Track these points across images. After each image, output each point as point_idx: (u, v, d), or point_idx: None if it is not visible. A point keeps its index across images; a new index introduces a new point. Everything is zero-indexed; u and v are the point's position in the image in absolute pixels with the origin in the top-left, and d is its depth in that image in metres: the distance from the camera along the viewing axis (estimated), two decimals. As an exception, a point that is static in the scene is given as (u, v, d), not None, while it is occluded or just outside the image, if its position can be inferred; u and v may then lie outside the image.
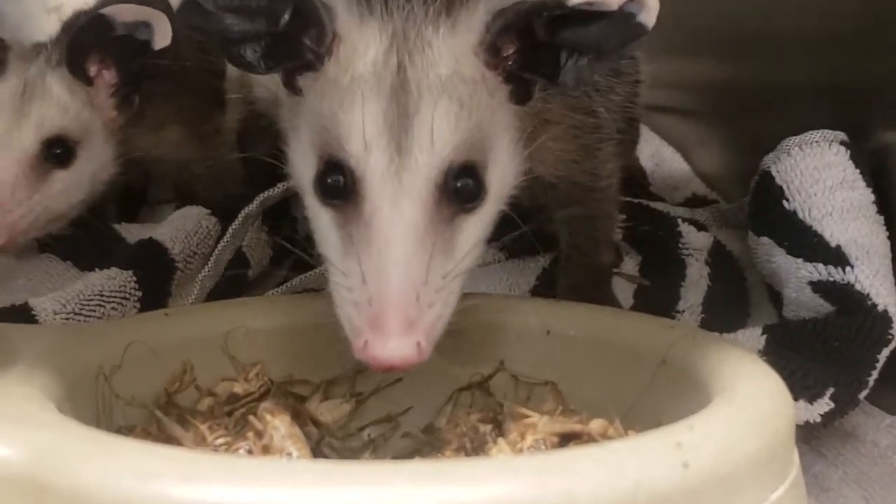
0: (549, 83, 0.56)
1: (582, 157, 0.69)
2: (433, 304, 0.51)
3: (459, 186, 0.53)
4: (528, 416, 0.53)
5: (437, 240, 0.52)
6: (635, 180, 1.20)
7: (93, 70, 0.84)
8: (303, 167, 0.57)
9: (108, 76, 0.85)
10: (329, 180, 0.54)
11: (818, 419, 0.67)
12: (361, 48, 0.55)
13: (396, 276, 0.51)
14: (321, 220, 0.55)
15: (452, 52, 0.55)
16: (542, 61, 0.55)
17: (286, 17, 0.53)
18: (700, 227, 0.95)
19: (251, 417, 0.55)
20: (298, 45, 0.55)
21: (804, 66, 0.92)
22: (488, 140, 0.55)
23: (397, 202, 0.52)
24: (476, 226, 0.55)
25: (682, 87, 1.26)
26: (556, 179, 0.69)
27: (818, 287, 0.73)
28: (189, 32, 0.63)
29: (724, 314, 0.85)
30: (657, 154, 1.29)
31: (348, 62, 0.55)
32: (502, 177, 0.57)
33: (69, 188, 0.84)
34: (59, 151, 0.83)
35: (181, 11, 0.53)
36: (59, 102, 0.83)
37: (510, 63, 0.56)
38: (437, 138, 0.53)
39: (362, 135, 0.53)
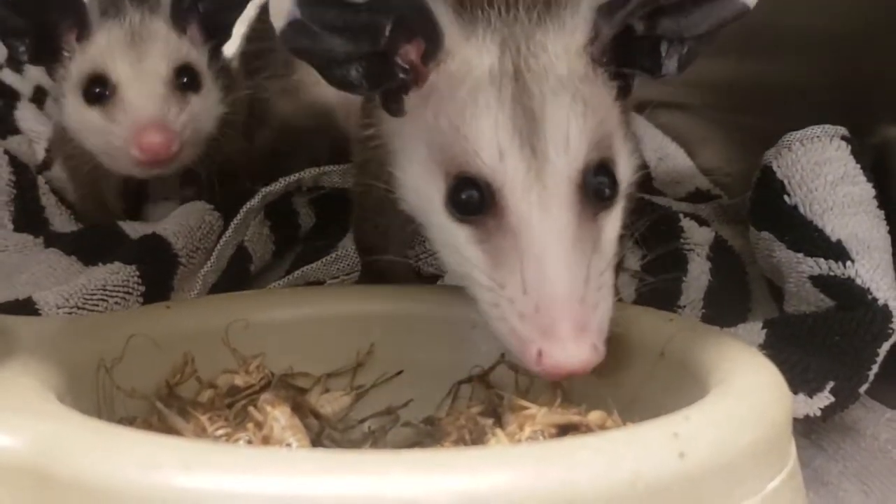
0: (652, 75, 0.56)
1: None
2: (598, 303, 0.51)
3: (597, 184, 0.54)
4: (526, 408, 0.53)
5: (585, 240, 0.52)
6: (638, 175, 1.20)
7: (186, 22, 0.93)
8: (425, 188, 0.56)
9: (196, 30, 0.94)
10: (463, 196, 0.54)
11: (818, 413, 0.67)
12: (474, 59, 0.55)
13: (561, 281, 0.50)
14: (458, 238, 0.54)
15: (566, 54, 0.55)
16: (641, 54, 0.55)
17: (387, 31, 0.53)
18: (702, 222, 0.95)
19: (251, 409, 0.55)
20: (397, 64, 0.56)
21: (806, 63, 0.92)
22: (611, 136, 0.56)
23: (545, 207, 0.52)
24: (615, 221, 0.55)
25: (686, 83, 1.25)
26: None
27: (819, 282, 0.73)
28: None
29: (725, 309, 0.85)
30: (660, 149, 1.29)
31: (463, 74, 0.55)
32: (626, 171, 0.57)
33: (205, 111, 0.92)
34: (187, 80, 0.91)
35: (286, 33, 0.52)
36: (170, 40, 0.91)
37: (611, 59, 0.56)
38: (572, 138, 0.53)
39: (495, 144, 0.52)
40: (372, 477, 0.38)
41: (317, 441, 0.59)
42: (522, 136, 0.52)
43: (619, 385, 0.58)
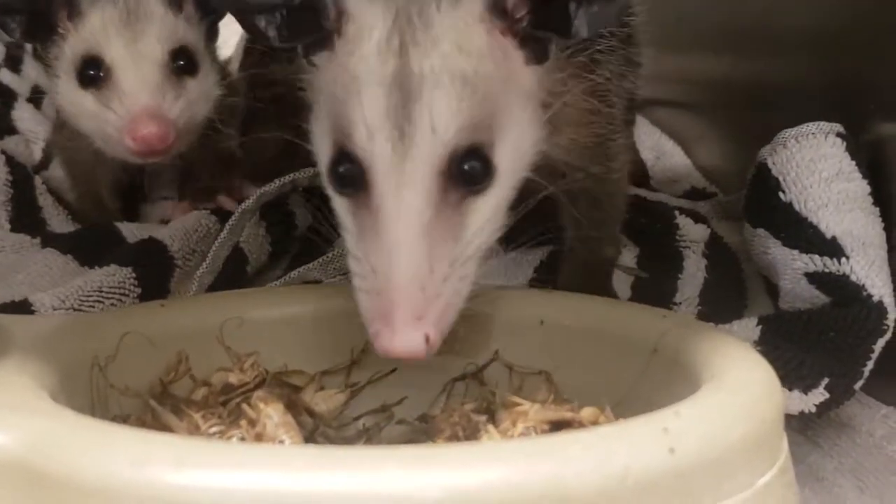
0: (563, 37, 0.55)
1: (595, 145, 0.69)
2: (440, 293, 0.51)
3: (466, 169, 0.53)
4: (519, 405, 0.53)
5: (443, 227, 0.52)
6: (636, 173, 1.20)
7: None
8: (321, 152, 0.57)
9: (191, 7, 0.91)
10: (341, 169, 0.55)
11: (813, 409, 0.67)
12: (367, 28, 0.55)
13: (400, 268, 0.51)
14: (339, 207, 0.56)
15: (455, 26, 0.54)
16: (552, 17, 0.54)
17: None
18: (698, 218, 0.95)
19: (244, 406, 0.55)
20: (314, 20, 0.55)
21: (803, 61, 0.92)
22: (497, 116, 0.54)
23: (399, 192, 0.52)
24: (486, 206, 0.54)
25: (683, 81, 1.26)
26: (567, 166, 0.68)
27: (814, 278, 0.73)
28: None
29: (720, 306, 0.85)
30: (657, 147, 1.29)
31: (355, 43, 0.55)
32: (515, 152, 0.56)
33: (202, 95, 0.90)
34: (183, 63, 0.88)
35: None
36: (167, 21, 0.88)
37: (523, 24, 0.55)
38: (439, 123, 0.52)
39: (367, 123, 0.52)
40: (364, 473, 0.38)
41: (311, 438, 0.60)
42: (395, 117, 0.52)
43: (613, 381, 0.58)
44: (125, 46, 0.85)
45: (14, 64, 1.45)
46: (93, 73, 0.85)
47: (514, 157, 0.56)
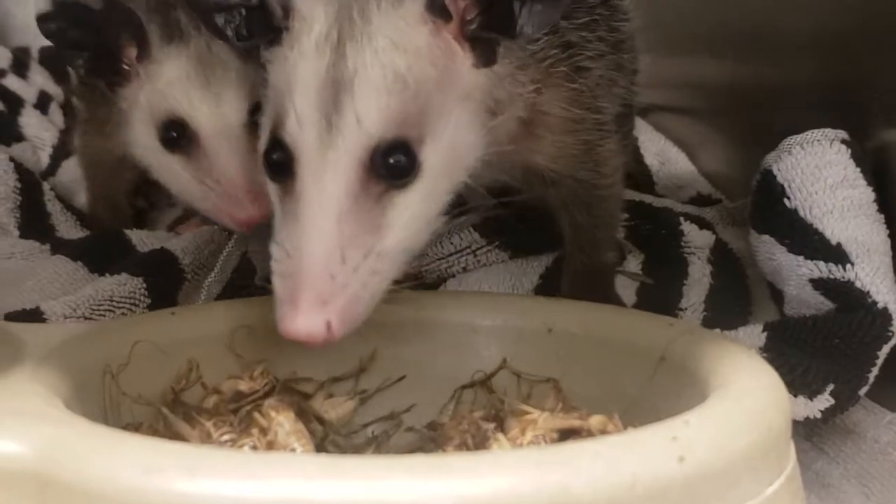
0: (509, 37, 0.56)
1: (582, 152, 0.69)
2: (348, 283, 0.52)
3: (391, 163, 0.54)
4: (528, 413, 0.53)
5: (362, 217, 0.53)
6: (639, 177, 1.21)
7: None
8: (261, 142, 0.58)
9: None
10: (274, 156, 0.56)
11: (818, 415, 0.67)
12: (309, 23, 0.56)
13: (311, 252, 0.52)
14: (271, 194, 0.57)
15: (394, 24, 0.55)
16: (497, 17, 0.55)
17: None
18: (703, 224, 0.95)
19: (256, 414, 0.55)
20: (269, 18, 0.57)
21: (807, 66, 0.92)
22: (430, 115, 0.55)
23: (320, 179, 0.53)
24: (409, 203, 0.55)
25: (687, 87, 1.26)
26: (554, 174, 0.69)
27: (819, 284, 0.73)
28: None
29: (726, 312, 0.85)
30: (662, 153, 1.29)
31: (297, 38, 0.56)
32: (447, 153, 0.56)
33: None
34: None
35: None
36: (241, 71, 0.82)
37: (472, 25, 0.56)
38: (364, 115, 0.53)
39: (298, 114, 0.54)
40: (374, 481, 0.38)
41: (321, 446, 0.60)
42: (325, 108, 0.53)
43: (621, 389, 0.58)
44: (210, 111, 0.81)
45: (20, 70, 1.45)
46: (177, 135, 0.81)
47: (445, 158, 0.56)
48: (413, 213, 0.55)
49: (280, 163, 0.55)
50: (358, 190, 0.53)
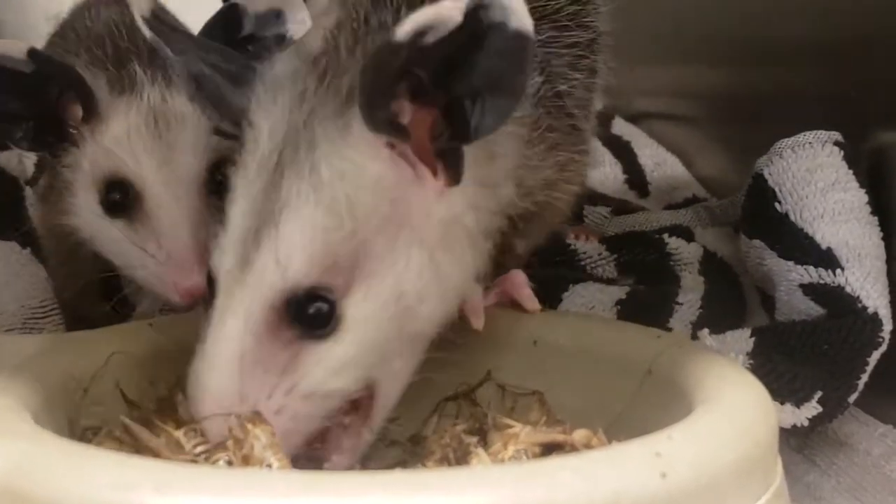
0: (464, 141, 0.49)
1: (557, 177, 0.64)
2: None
3: (307, 312, 0.49)
4: (511, 427, 0.52)
5: (270, 359, 0.50)
6: (632, 176, 1.20)
7: None
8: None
9: None
10: (210, 274, 0.53)
11: (805, 423, 0.66)
12: (256, 142, 0.52)
13: (209, 389, 0.50)
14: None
15: (341, 151, 0.50)
16: (452, 123, 0.48)
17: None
18: (689, 237, 0.94)
19: (231, 427, 0.54)
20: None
21: (801, 72, 0.92)
22: (366, 258, 0.50)
23: (224, 316, 0.50)
24: (334, 352, 0.50)
25: (682, 95, 1.26)
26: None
27: (809, 290, 0.73)
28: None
29: (720, 315, 0.84)
30: (656, 156, 1.29)
31: (245, 154, 0.53)
32: (381, 303, 0.50)
33: None
34: (221, 178, 0.71)
35: None
36: (200, 126, 0.73)
37: (438, 138, 0.50)
38: (284, 256, 0.49)
39: (220, 239, 0.51)
40: (350, 499, 0.37)
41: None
42: (246, 238, 0.50)
43: (606, 402, 0.57)
44: (159, 167, 0.71)
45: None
46: (119, 198, 0.72)
47: (381, 309, 0.50)
48: (336, 363, 0.50)
49: (209, 279, 0.53)
50: (265, 332, 0.49)
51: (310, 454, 0.53)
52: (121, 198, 0.72)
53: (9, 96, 0.67)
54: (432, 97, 0.48)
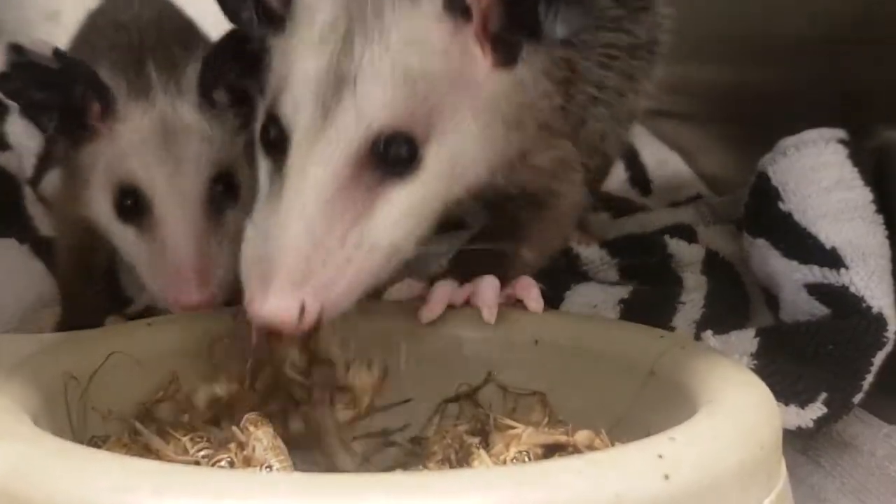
0: (534, 40, 0.55)
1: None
2: (325, 267, 0.51)
3: (391, 153, 0.53)
4: (512, 428, 0.52)
5: (348, 205, 0.52)
6: (634, 173, 1.20)
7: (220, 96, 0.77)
8: (258, 118, 0.59)
9: (226, 109, 0.77)
10: (270, 132, 0.56)
11: (810, 424, 0.66)
12: (312, 13, 0.56)
13: (289, 235, 0.51)
14: (261, 170, 0.57)
15: (410, 22, 0.54)
16: (522, 18, 0.54)
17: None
18: (689, 235, 0.94)
19: (234, 428, 0.54)
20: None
21: (804, 68, 0.92)
22: (439, 115, 0.55)
23: (308, 163, 0.53)
24: (404, 197, 0.54)
25: (686, 92, 1.25)
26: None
27: (813, 290, 0.72)
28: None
29: (724, 315, 0.84)
30: (658, 155, 1.29)
31: (302, 26, 0.56)
32: (452, 157, 0.56)
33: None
34: (223, 188, 0.76)
35: None
36: (204, 136, 0.75)
37: (494, 25, 0.55)
38: (365, 111, 0.53)
39: (295, 96, 0.54)
40: (351, 501, 0.37)
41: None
42: (324, 94, 0.53)
43: (609, 402, 0.57)
44: (167, 178, 0.73)
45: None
46: (131, 204, 0.74)
47: (447, 162, 0.55)
48: (403, 208, 0.54)
49: (274, 140, 0.55)
50: (348, 178, 0.53)
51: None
52: (132, 204, 0.74)
53: (38, 88, 0.72)
54: None
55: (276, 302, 0.50)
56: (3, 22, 1.66)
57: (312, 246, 0.51)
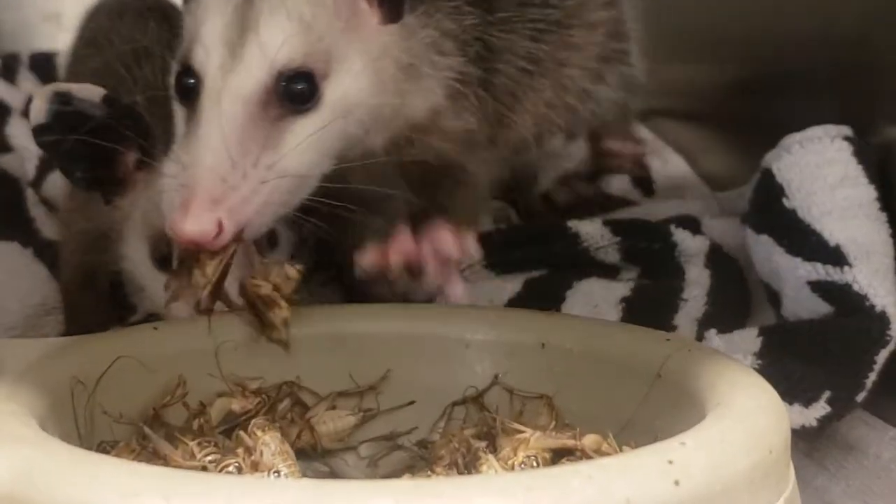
0: None
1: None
2: (238, 187, 0.56)
3: (293, 89, 0.59)
4: (520, 432, 0.52)
5: (257, 135, 0.58)
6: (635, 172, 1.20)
7: None
8: (173, 70, 0.64)
9: None
10: (184, 81, 0.61)
11: (814, 424, 0.66)
12: None
13: (205, 161, 0.57)
14: (177, 117, 0.63)
15: None
16: None
17: None
18: (695, 229, 0.94)
19: (242, 434, 0.54)
20: None
21: (808, 67, 0.92)
22: (335, 57, 0.61)
23: (219, 100, 0.58)
24: (308, 128, 0.60)
25: (686, 92, 1.25)
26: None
27: (817, 287, 0.72)
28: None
29: (726, 313, 0.84)
30: (660, 155, 1.28)
31: None
32: (348, 93, 0.61)
33: None
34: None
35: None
36: None
37: None
38: (268, 47, 0.59)
39: (206, 42, 0.60)
40: (358, 507, 0.37)
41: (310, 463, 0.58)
42: (230, 40, 0.59)
43: (616, 406, 0.57)
44: None
45: (10, 76, 1.42)
46: (168, 253, 0.70)
47: (343, 100, 0.61)
48: (307, 139, 0.60)
49: (188, 88, 0.61)
50: (256, 111, 0.58)
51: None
52: (168, 253, 0.70)
53: (75, 137, 0.67)
54: None
55: (195, 221, 0.55)
56: (2, 23, 1.65)
57: (227, 168, 0.56)
